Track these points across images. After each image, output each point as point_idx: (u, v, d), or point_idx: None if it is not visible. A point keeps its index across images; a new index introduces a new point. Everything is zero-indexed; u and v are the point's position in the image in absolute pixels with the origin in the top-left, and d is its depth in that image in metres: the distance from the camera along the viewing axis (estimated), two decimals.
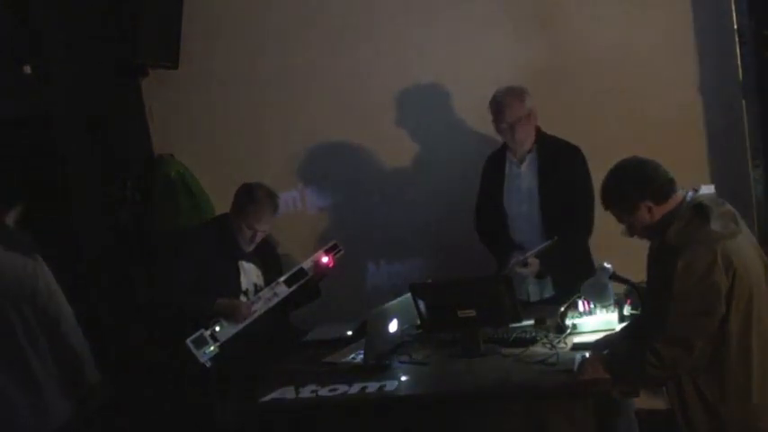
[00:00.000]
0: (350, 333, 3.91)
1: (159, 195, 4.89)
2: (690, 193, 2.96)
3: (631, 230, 3.02)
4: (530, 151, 4.05)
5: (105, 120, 4.73)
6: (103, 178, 4.71)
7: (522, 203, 4.07)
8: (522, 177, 4.07)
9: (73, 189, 4.57)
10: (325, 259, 4.07)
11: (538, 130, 4.04)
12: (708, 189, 3.00)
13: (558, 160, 4.00)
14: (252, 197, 3.99)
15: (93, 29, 4.66)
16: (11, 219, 3.39)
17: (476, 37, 4.68)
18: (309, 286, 4.09)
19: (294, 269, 4.08)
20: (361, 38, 4.82)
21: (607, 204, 3.06)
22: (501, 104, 3.99)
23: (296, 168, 5.01)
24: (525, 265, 3.87)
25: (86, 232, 4.58)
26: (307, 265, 4.07)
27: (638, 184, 2.95)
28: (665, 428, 3.06)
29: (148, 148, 5.04)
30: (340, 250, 4.13)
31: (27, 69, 4.30)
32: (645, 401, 3.41)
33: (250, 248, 4.06)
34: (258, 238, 4.05)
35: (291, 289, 4.02)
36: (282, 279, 4.04)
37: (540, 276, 3.97)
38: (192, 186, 4.89)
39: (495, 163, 4.17)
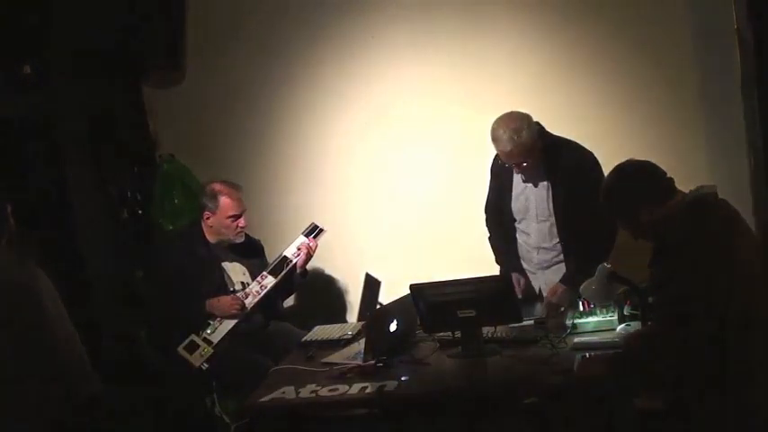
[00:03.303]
0: (350, 333, 3.92)
1: (159, 195, 4.89)
2: (689, 194, 2.96)
3: (635, 233, 3.03)
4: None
5: (105, 120, 4.72)
6: (103, 178, 4.71)
7: (530, 210, 3.99)
8: (532, 183, 3.96)
9: (73, 189, 4.57)
10: (306, 242, 4.09)
11: (547, 134, 3.90)
12: (708, 188, 3.00)
13: (570, 165, 3.87)
14: (216, 192, 4.10)
15: (93, 29, 4.65)
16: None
17: (476, 38, 4.69)
18: (296, 271, 4.11)
19: (277, 258, 4.09)
20: (363, 38, 4.82)
21: (608, 210, 3.07)
22: (505, 153, 3.83)
23: (296, 169, 5.01)
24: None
25: (86, 233, 4.57)
26: (289, 251, 4.10)
27: (636, 186, 2.96)
28: (665, 428, 3.06)
29: (148, 148, 5.04)
30: (321, 230, 4.15)
31: (27, 69, 4.30)
32: (645, 401, 3.40)
33: (241, 238, 4.13)
34: (243, 223, 4.11)
35: (278, 278, 4.04)
36: (267, 270, 4.06)
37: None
38: (192, 186, 4.89)
39: (502, 165, 4.01)
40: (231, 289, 4.06)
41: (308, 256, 4.13)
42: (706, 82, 4.46)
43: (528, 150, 3.81)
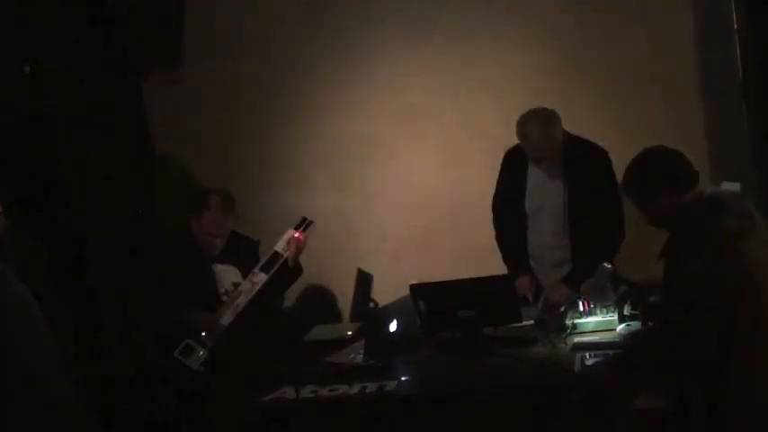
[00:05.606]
0: (350, 333, 3.91)
1: (159, 195, 4.89)
2: (710, 189, 2.95)
3: (649, 217, 3.00)
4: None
5: (105, 120, 4.72)
6: (103, 178, 4.71)
7: (545, 208, 3.98)
8: (548, 181, 3.96)
9: (73, 189, 4.57)
10: (296, 235, 4.08)
11: (562, 132, 3.91)
12: (731, 186, 2.98)
13: (586, 164, 3.89)
14: (206, 203, 4.01)
15: (93, 29, 4.65)
16: None
17: (477, 42, 4.69)
18: (289, 266, 4.10)
19: (268, 254, 4.07)
20: (362, 37, 4.82)
21: (628, 188, 3.04)
22: (533, 149, 3.87)
23: (296, 169, 5.01)
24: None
25: (86, 233, 4.58)
26: (280, 246, 4.07)
27: (660, 169, 2.94)
28: (665, 428, 3.06)
29: (148, 148, 5.04)
30: (310, 223, 4.13)
31: (27, 69, 4.30)
32: (645, 401, 3.41)
33: (215, 252, 4.06)
34: (219, 243, 4.03)
35: (270, 274, 4.02)
36: (258, 267, 4.03)
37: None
38: (192, 186, 4.89)
39: (516, 161, 4.02)
40: (222, 291, 4.04)
41: (298, 250, 4.11)
42: (706, 82, 4.46)
43: (556, 147, 3.84)
